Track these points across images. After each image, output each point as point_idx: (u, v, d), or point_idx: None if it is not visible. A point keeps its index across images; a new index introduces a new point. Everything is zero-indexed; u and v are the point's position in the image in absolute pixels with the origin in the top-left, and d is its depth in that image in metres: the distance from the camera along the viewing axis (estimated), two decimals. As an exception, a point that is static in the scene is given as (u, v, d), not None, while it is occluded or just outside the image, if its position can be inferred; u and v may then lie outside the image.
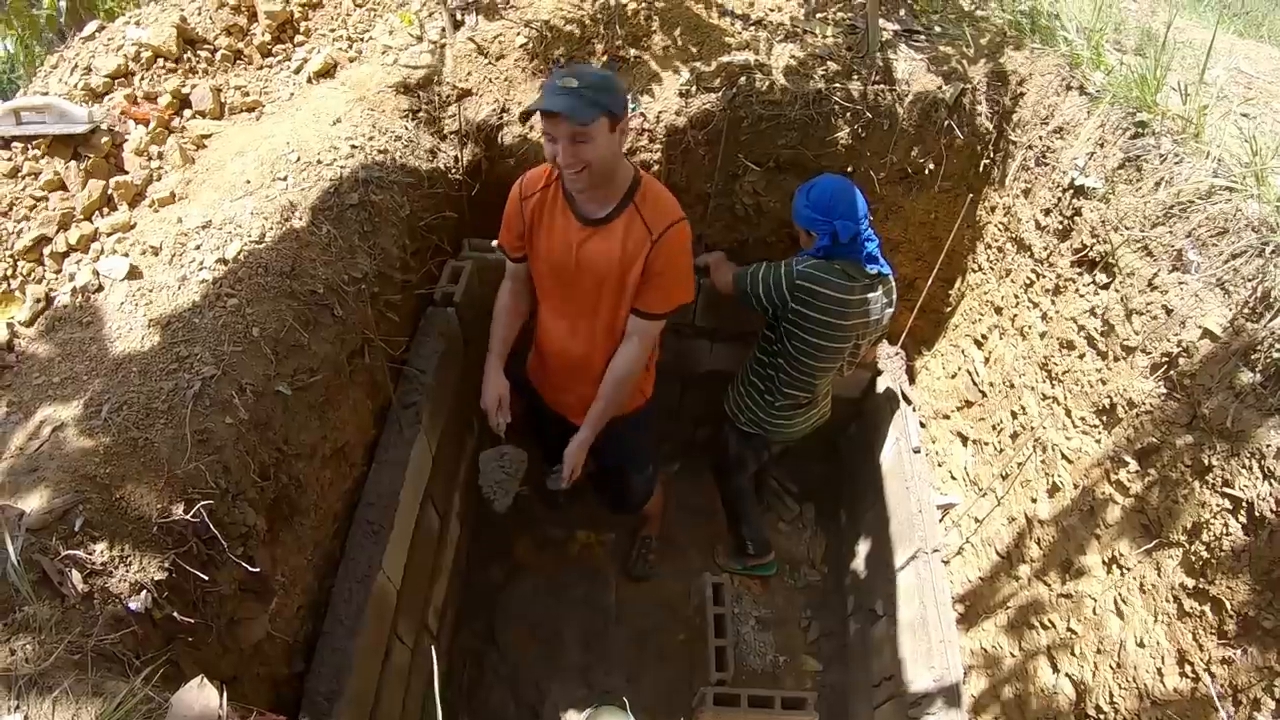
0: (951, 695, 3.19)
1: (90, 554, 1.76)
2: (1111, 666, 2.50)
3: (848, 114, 3.45)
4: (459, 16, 3.63)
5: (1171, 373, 2.42)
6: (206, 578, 1.97)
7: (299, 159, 2.88)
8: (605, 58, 3.55)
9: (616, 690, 4.03)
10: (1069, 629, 2.73)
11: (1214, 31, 2.93)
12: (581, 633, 4.26)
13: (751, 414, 3.71)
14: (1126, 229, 2.70)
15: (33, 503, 1.80)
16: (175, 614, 1.88)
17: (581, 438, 3.07)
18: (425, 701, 3.43)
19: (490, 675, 4.05)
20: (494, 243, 3.76)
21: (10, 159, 2.70)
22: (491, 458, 3.16)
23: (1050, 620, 2.83)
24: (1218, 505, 2.19)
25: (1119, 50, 3.25)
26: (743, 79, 3.41)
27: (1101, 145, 2.91)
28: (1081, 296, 2.91)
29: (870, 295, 3.22)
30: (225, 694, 1.41)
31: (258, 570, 2.16)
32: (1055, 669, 2.78)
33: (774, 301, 3.25)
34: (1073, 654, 2.69)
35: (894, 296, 3.36)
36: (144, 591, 1.81)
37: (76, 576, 1.71)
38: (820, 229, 3.15)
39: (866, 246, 3.17)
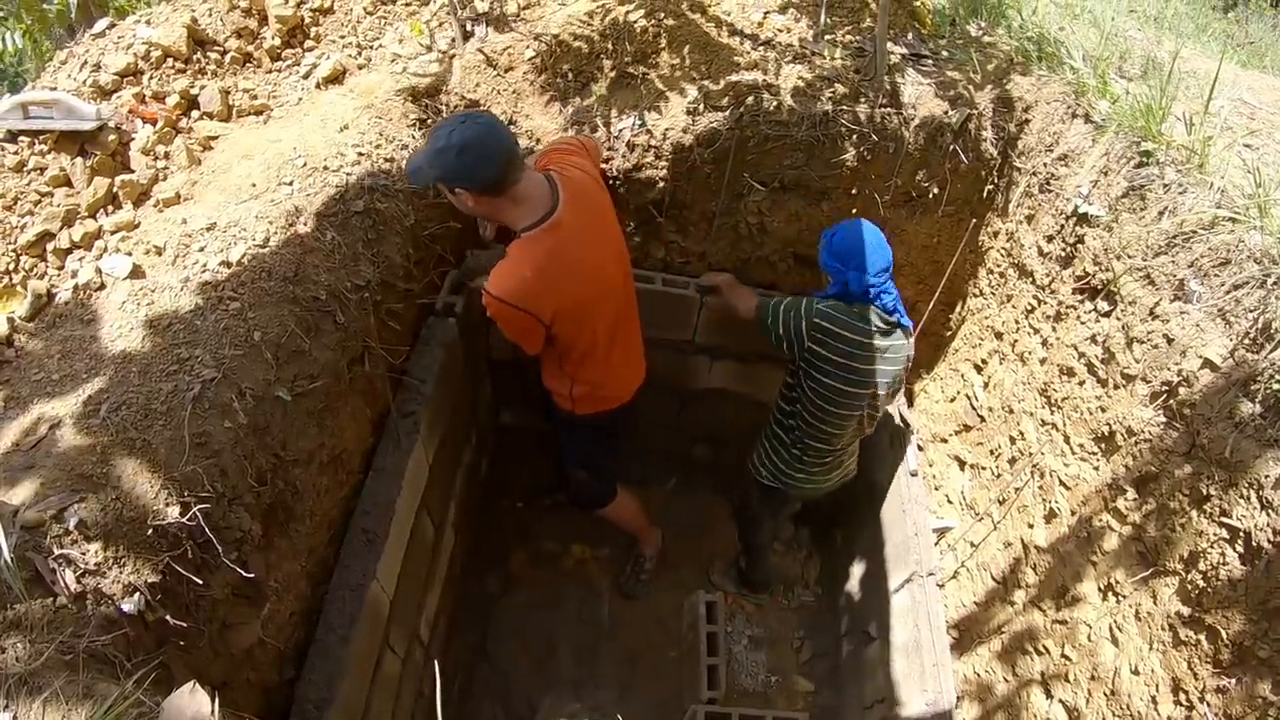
0: (944, 720, 3.19)
1: (84, 553, 1.75)
2: (1105, 694, 2.49)
3: (854, 136, 3.45)
4: (469, 27, 3.64)
5: (1171, 402, 2.42)
6: (200, 581, 1.96)
7: (305, 164, 2.89)
8: (614, 73, 3.56)
9: (607, 706, 4.01)
10: (1063, 656, 2.72)
11: (1219, 62, 2.95)
12: (574, 647, 4.25)
13: (773, 466, 3.67)
14: (1129, 257, 2.70)
15: (27, 499, 1.79)
16: (168, 617, 1.87)
17: None
18: (415, 712, 3.41)
19: (481, 687, 4.03)
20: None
21: (17, 153, 2.70)
22: None
23: (1045, 646, 2.83)
24: (1215, 535, 2.19)
25: (1124, 79, 3.27)
26: (750, 99, 3.42)
27: (1105, 173, 2.92)
28: (1082, 324, 2.92)
29: (887, 343, 3.20)
30: (216, 700, 1.40)
31: (252, 575, 2.16)
32: (1049, 695, 2.77)
33: (791, 339, 3.23)
34: (1066, 681, 2.69)
35: (912, 352, 3.36)
36: (137, 593, 1.80)
37: (70, 576, 1.70)
38: (835, 276, 3.19)
39: (883, 299, 3.15)
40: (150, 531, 1.88)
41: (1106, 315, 2.81)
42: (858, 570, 4.28)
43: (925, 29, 3.73)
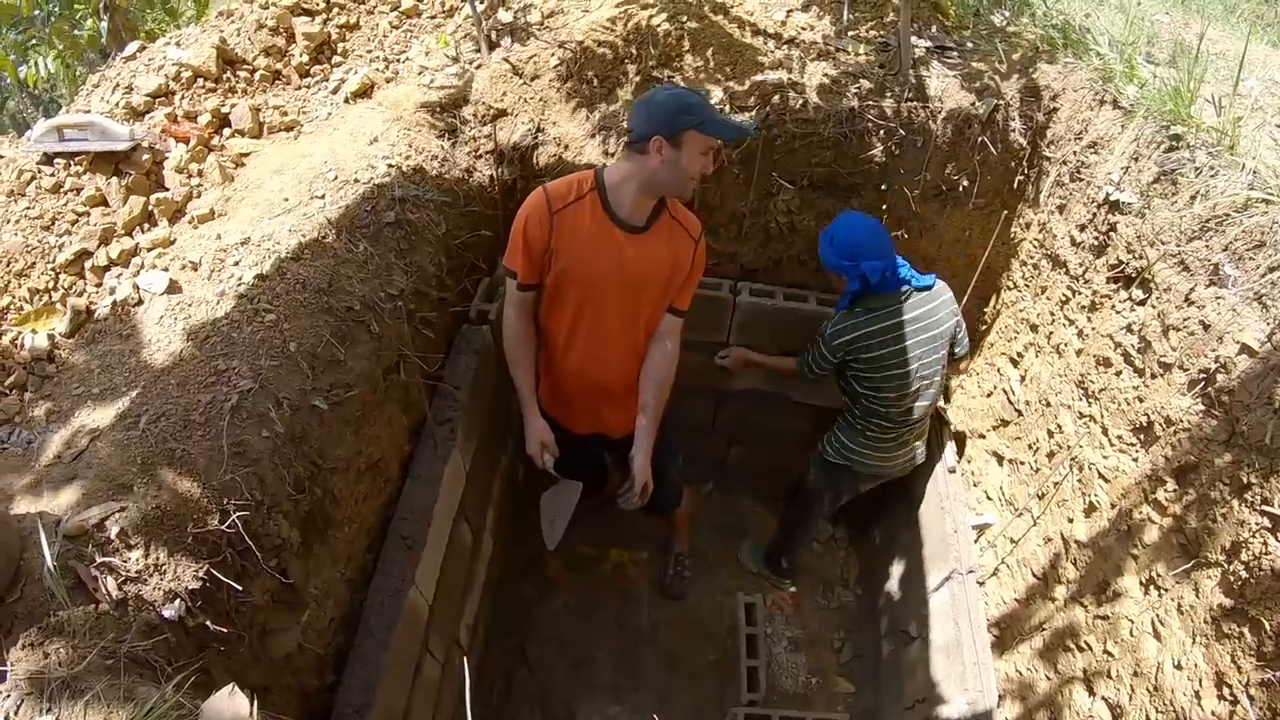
0: None
1: (125, 561, 1.79)
2: (1148, 689, 2.45)
3: (881, 131, 3.44)
4: (494, 38, 3.68)
5: (1209, 389, 2.38)
6: (240, 588, 1.99)
7: (336, 177, 2.93)
8: (639, 78, 3.57)
9: (647, 710, 4.01)
10: (1105, 651, 2.68)
11: (1246, 43, 2.90)
12: (612, 651, 4.25)
13: (839, 444, 3.70)
14: (1162, 244, 2.66)
15: (70, 509, 1.83)
16: (208, 623, 1.89)
17: (645, 448, 3.08)
18: (456, 717, 3.43)
19: (519, 692, 4.05)
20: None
21: (53, 175, 2.77)
22: (549, 497, 3.33)
23: (1086, 643, 2.79)
24: (1256, 524, 2.15)
25: (1152, 63, 3.22)
26: (776, 98, 3.42)
27: (1136, 159, 2.88)
28: (1118, 313, 2.88)
29: (917, 311, 3.30)
30: (256, 703, 1.43)
31: (291, 582, 2.19)
32: (1091, 692, 2.73)
33: (829, 369, 3.44)
34: (1109, 677, 2.64)
35: (952, 306, 3.44)
36: (178, 600, 1.83)
37: (111, 583, 1.73)
38: (849, 274, 3.24)
39: (900, 274, 3.26)
40: (190, 539, 1.91)
41: (1141, 303, 2.77)
42: (897, 569, 4.24)
43: (949, 21, 3.71)
